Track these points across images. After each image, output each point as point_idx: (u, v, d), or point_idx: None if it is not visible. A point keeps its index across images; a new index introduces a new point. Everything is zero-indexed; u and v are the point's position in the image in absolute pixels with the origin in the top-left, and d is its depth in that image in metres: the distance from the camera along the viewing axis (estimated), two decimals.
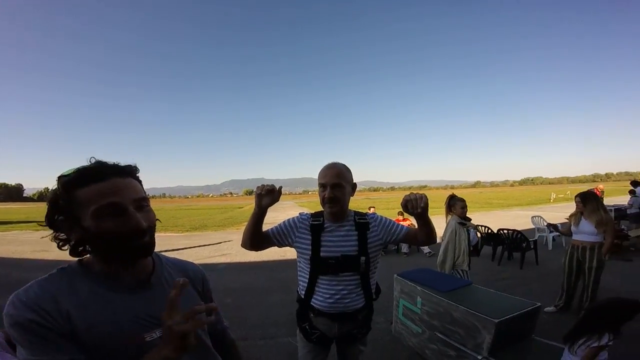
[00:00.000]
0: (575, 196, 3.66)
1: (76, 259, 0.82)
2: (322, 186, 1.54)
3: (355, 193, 1.65)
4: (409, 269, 3.18)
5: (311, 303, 1.58)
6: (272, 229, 1.65)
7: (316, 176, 1.60)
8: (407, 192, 1.37)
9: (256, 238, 1.59)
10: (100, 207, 0.74)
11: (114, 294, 0.80)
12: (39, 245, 9.54)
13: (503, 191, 71.59)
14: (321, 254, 1.52)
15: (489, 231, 6.98)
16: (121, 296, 0.81)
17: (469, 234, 3.56)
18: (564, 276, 3.71)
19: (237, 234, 12.12)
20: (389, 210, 17.55)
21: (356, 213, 1.65)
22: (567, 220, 3.79)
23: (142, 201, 0.81)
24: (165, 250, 9.03)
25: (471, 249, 3.65)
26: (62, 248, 0.80)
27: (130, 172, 0.84)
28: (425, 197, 1.34)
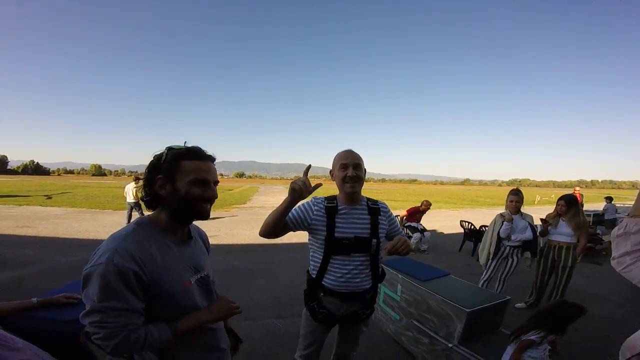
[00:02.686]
0: (559, 199, 3.80)
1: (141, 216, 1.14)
2: (344, 166, 1.63)
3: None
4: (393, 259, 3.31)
5: (323, 282, 1.66)
6: (288, 216, 1.67)
7: (307, 162, 1.67)
8: (398, 184, 1.47)
9: (279, 227, 1.62)
10: (196, 178, 1.05)
11: (174, 246, 1.09)
12: (23, 220, 9.43)
13: (490, 190, 73.02)
14: (335, 234, 1.61)
15: (472, 227, 7.22)
16: (179, 248, 1.11)
17: (501, 226, 3.62)
18: (537, 274, 3.90)
19: (226, 216, 12.14)
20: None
21: (368, 199, 1.75)
22: (541, 222, 3.95)
23: (216, 182, 1.14)
24: None
25: (516, 244, 3.70)
26: (143, 199, 1.10)
27: (214, 160, 1.16)
28: (409, 244, 1.54)
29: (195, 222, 1.21)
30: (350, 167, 1.61)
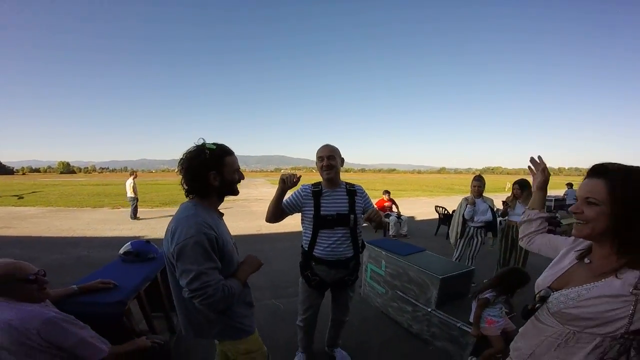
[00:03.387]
0: (514, 183, 4.31)
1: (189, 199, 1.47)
2: (320, 158, 2.05)
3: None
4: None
5: (313, 253, 2.06)
6: (284, 203, 2.11)
7: (288, 154, 2.11)
8: (377, 174, 1.92)
9: (279, 212, 2.08)
10: (235, 168, 1.48)
11: (218, 219, 1.46)
12: (2, 221, 9.19)
13: (465, 178, 75.84)
14: (321, 212, 2.02)
15: (446, 212, 7.82)
16: (221, 220, 1.48)
17: (465, 208, 4.05)
18: (500, 252, 4.43)
19: None
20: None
21: (347, 183, 2.16)
22: (502, 205, 4.46)
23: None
24: (144, 218, 9.05)
25: (479, 224, 4.09)
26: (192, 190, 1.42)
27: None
28: (379, 213, 1.89)
29: None
30: (325, 159, 2.02)
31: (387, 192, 8.57)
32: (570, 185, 11.24)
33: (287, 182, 1.91)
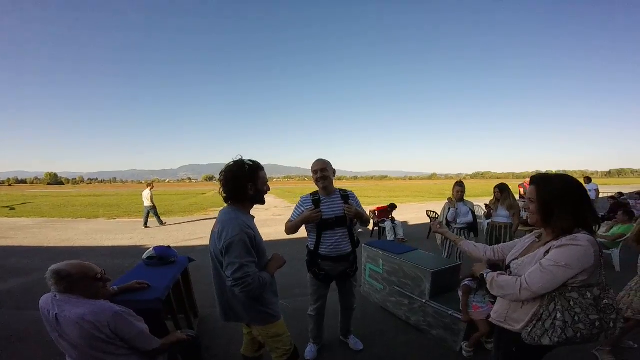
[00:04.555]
0: (495, 187, 4.78)
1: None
2: (315, 172, 2.41)
3: None
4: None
5: (319, 252, 2.42)
6: (293, 218, 2.47)
7: (280, 163, 2.57)
8: (369, 181, 2.34)
9: (297, 230, 2.45)
10: (266, 181, 1.81)
11: (253, 221, 1.76)
12: None
13: None
14: (323, 217, 2.37)
15: (436, 216, 8.20)
16: (254, 222, 1.77)
17: (448, 211, 4.35)
18: None
19: (206, 219, 12.39)
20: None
21: (340, 189, 2.53)
22: (485, 208, 4.87)
23: None
24: (139, 229, 9.17)
25: (461, 226, 4.40)
26: (229, 196, 1.74)
27: None
28: (352, 209, 2.37)
29: (169, 236, 1.83)
30: (319, 172, 2.40)
31: (393, 205, 8.71)
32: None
33: (311, 219, 2.33)
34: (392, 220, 8.05)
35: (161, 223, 10.47)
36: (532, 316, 1.36)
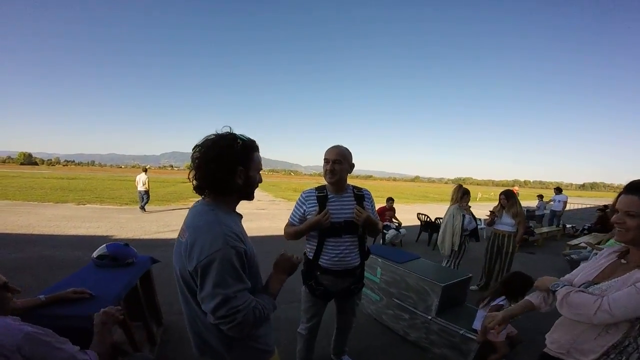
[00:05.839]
0: (500, 193, 4.52)
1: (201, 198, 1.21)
2: (326, 161, 1.89)
3: (308, 178, 2.00)
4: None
5: (319, 262, 1.91)
6: (292, 220, 1.99)
7: (265, 156, 1.98)
8: (354, 179, 1.85)
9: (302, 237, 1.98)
10: (260, 168, 1.23)
11: (239, 224, 1.19)
12: None
13: (438, 187, 78.31)
14: (330, 220, 1.85)
15: (428, 220, 7.90)
16: (241, 225, 1.21)
17: (463, 219, 4.13)
18: (486, 259, 4.50)
19: (187, 209, 11.70)
20: None
21: (354, 187, 2.01)
22: (488, 216, 4.65)
23: None
24: (112, 216, 8.49)
25: (467, 233, 4.26)
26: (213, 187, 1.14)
27: None
28: (363, 215, 1.84)
29: (140, 228, 1.28)
30: (330, 162, 1.87)
31: (390, 199, 7.92)
32: (541, 197, 11.77)
33: (323, 225, 1.83)
34: (398, 227, 7.31)
35: (143, 210, 10.32)
36: (610, 348, 1.14)
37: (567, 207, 16.86)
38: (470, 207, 4.40)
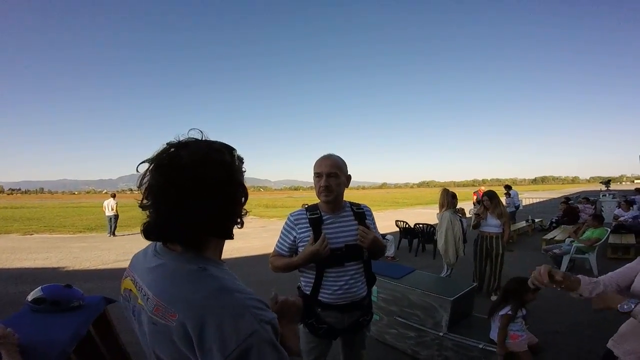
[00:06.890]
0: (483, 194, 4.45)
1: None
2: (318, 175, 1.55)
3: (278, 193, 1.67)
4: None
5: (319, 298, 1.55)
6: (280, 249, 1.65)
7: (249, 175, 1.60)
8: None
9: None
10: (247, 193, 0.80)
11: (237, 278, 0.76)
12: None
13: (405, 192, 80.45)
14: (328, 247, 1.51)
15: (407, 226, 7.76)
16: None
17: (462, 224, 3.93)
18: (476, 262, 4.37)
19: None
20: None
21: (352, 203, 1.69)
22: (470, 216, 4.59)
23: None
24: (63, 246, 7.54)
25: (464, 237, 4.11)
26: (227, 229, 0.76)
27: None
28: (370, 237, 1.55)
29: (96, 257, 0.90)
30: (323, 177, 1.53)
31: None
32: (508, 194, 12.05)
33: (322, 255, 1.48)
34: (383, 236, 7.27)
35: (113, 235, 10.48)
36: None
37: (526, 202, 17.95)
38: (463, 209, 4.27)
